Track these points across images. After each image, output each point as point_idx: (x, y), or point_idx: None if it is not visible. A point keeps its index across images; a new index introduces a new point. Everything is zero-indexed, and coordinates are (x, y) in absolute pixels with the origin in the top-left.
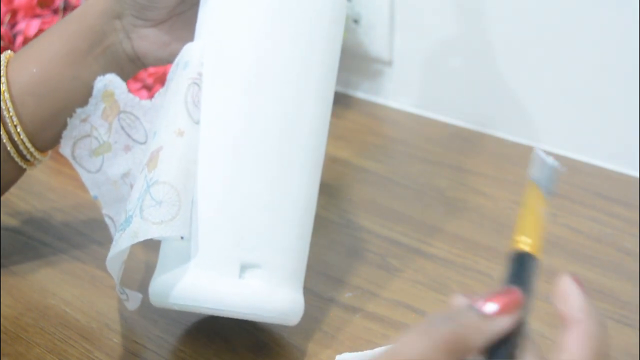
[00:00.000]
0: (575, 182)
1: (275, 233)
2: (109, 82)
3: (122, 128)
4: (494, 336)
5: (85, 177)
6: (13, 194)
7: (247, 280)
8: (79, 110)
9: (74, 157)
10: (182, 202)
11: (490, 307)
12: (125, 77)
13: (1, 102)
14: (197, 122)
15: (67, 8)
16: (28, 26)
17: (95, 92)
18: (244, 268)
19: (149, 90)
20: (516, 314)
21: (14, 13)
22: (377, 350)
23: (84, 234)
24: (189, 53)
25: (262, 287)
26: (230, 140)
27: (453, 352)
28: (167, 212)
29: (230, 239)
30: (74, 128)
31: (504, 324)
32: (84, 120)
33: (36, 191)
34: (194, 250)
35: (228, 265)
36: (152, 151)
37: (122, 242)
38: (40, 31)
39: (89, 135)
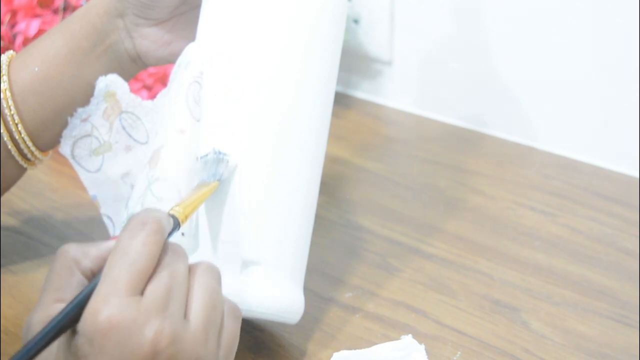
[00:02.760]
0: (575, 182)
1: (276, 231)
2: (111, 82)
3: (124, 128)
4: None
5: (84, 176)
6: (13, 194)
7: (247, 278)
8: (79, 110)
9: (73, 157)
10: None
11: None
12: (126, 76)
13: (2, 101)
14: (199, 120)
15: (67, 8)
16: (28, 26)
17: (96, 91)
18: (244, 266)
19: (149, 90)
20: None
21: (14, 13)
22: (375, 347)
23: (83, 233)
24: (191, 53)
25: (262, 285)
26: (229, 139)
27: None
28: (167, 209)
29: (231, 237)
30: (75, 127)
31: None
32: (84, 120)
33: (36, 191)
34: (195, 248)
35: (229, 263)
36: (154, 150)
37: None
38: (40, 31)
39: (89, 135)
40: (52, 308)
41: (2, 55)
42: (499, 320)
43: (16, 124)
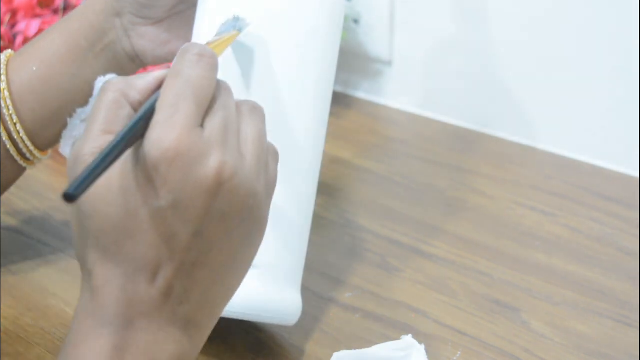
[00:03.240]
0: (575, 182)
1: (273, 233)
2: None
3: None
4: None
5: None
6: (13, 194)
7: (244, 281)
8: (79, 110)
9: None
10: None
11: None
12: (125, 75)
13: (0, 100)
14: None
15: (67, 8)
16: (28, 26)
17: (95, 92)
18: None
19: None
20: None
21: (14, 13)
22: (375, 347)
23: None
24: None
25: (259, 288)
26: None
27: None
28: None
29: None
30: (74, 128)
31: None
32: (84, 120)
33: (36, 191)
34: None
35: None
36: None
37: None
38: (40, 31)
39: None
40: (102, 139)
41: (0, 55)
42: (499, 320)
43: (14, 124)
